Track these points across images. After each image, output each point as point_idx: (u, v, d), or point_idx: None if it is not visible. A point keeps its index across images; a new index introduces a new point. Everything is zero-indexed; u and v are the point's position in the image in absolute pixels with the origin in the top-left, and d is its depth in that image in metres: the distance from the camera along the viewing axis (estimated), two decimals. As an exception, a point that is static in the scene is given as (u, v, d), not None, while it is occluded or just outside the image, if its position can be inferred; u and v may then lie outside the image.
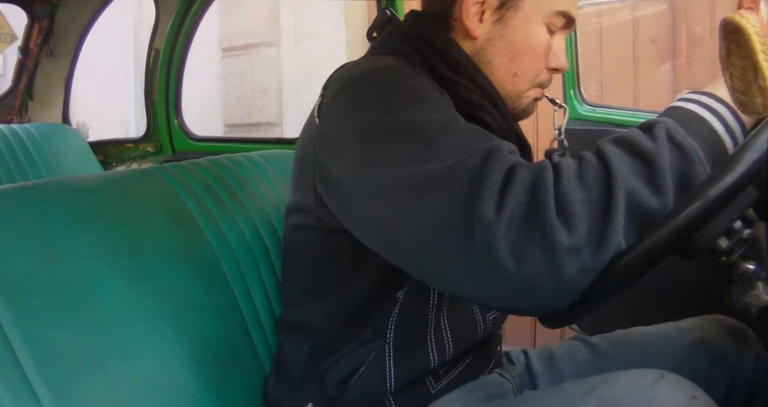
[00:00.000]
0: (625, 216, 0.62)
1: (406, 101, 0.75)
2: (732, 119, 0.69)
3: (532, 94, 0.93)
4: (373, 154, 0.72)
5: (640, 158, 0.64)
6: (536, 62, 0.90)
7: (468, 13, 0.88)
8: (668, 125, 0.66)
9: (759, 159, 0.59)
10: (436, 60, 0.88)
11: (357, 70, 0.82)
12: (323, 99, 0.84)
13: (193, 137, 2.17)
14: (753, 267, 0.66)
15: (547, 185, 0.62)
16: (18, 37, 2.43)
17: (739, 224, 0.65)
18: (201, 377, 0.89)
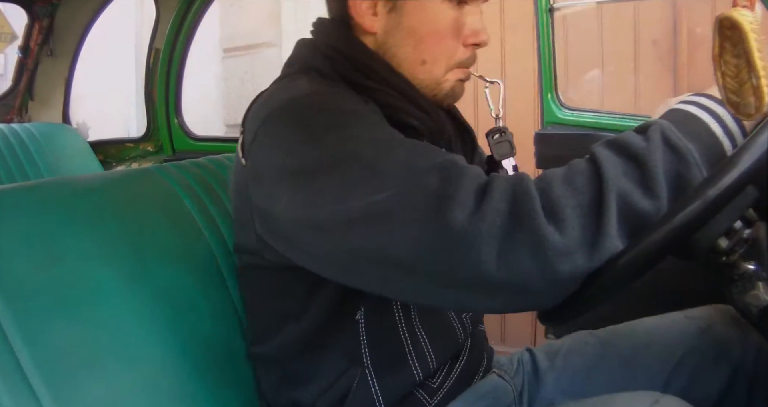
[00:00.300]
0: (618, 219, 0.60)
1: (333, 128, 0.71)
2: (731, 121, 0.67)
3: (452, 77, 0.86)
4: (316, 191, 0.69)
5: (632, 160, 0.62)
6: (444, 44, 0.84)
7: (359, 10, 0.84)
8: (663, 126, 0.64)
9: (759, 159, 0.59)
10: (348, 69, 0.84)
11: (274, 102, 0.79)
12: (244, 137, 0.81)
13: (193, 136, 2.17)
14: (753, 267, 0.66)
15: (530, 191, 0.61)
16: (18, 37, 2.43)
17: (740, 224, 0.65)
18: (199, 377, 0.89)
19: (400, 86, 0.84)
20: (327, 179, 0.68)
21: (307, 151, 0.71)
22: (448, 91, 0.87)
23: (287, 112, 0.76)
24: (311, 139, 0.71)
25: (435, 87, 0.86)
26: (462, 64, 0.86)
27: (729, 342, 0.94)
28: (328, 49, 0.86)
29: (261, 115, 0.78)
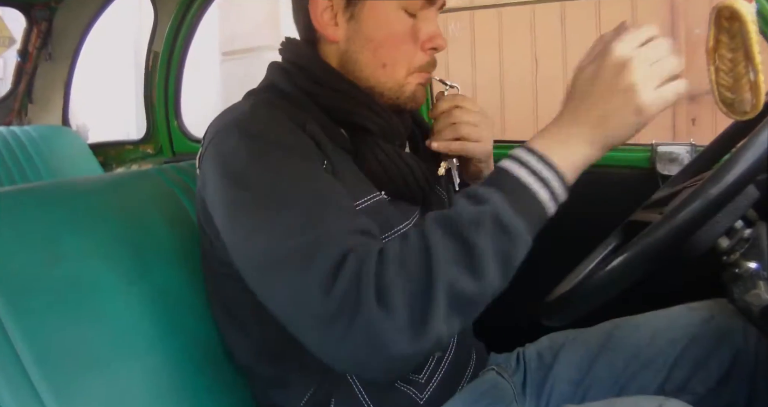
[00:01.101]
0: (445, 305, 0.63)
1: (254, 161, 0.76)
2: (558, 184, 0.69)
3: (413, 81, 0.90)
4: (231, 220, 0.77)
5: (463, 244, 0.65)
6: (402, 48, 0.88)
7: (321, 20, 0.89)
8: (497, 207, 0.66)
9: (759, 159, 0.58)
10: (303, 80, 0.89)
11: (221, 122, 0.84)
12: (201, 148, 0.86)
13: (192, 138, 2.17)
14: (754, 267, 0.66)
15: (370, 275, 0.64)
16: (17, 41, 2.43)
17: (740, 224, 0.65)
18: (198, 376, 0.89)
19: (350, 91, 0.88)
20: (236, 213, 0.76)
21: (228, 181, 0.77)
22: (409, 94, 0.91)
23: (226, 134, 0.80)
24: (232, 172, 0.77)
25: (398, 90, 0.90)
26: (422, 69, 0.90)
27: (730, 331, 0.95)
28: (288, 64, 0.92)
29: (211, 132, 0.84)
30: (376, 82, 0.89)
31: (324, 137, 0.84)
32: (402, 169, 0.88)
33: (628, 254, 0.63)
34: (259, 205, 0.73)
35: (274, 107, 0.85)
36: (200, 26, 2.14)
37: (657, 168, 1.34)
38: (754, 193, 0.63)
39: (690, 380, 0.95)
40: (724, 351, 0.95)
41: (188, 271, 0.95)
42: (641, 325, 1.03)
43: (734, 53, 0.66)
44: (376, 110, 0.88)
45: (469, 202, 0.67)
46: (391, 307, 0.63)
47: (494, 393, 0.98)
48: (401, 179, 0.88)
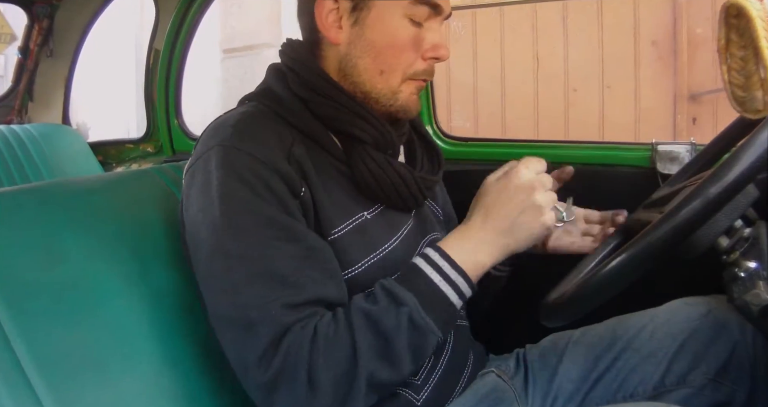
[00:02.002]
0: (365, 390, 0.75)
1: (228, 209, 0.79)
2: (465, 287, 0.81)
3: (406, 89, 0.91)
4: (196, 255, 0.82)
5: (383, 341, 0.75)
6: (401, 56, 0.89)
7: (325, 22, 0.89)
8: (411, 310, 0.76)
9: (759, 158, 0.58)
10: (297, 84, 0.89)
11: (207, 143, 0.84)
12: (190, 159, 0.87)
13: (193, 137, 2.17)
14: (754, 266, 0.66)
15: (303, 357, 0.73)
16: (18, 38, 2.43)
17: (740, 223, 0.65)
18: (199, 377, 0.89)
19: (343, 100, 0.89)
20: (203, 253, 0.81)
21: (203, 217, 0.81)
22: (402, 103, 0.92)
23: (206, 161, 0.82)
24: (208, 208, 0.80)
25: (391, 97, 0.91)
26: (417, 76, 0.91)
27: (727, 325, 0.96)
28: (285, 67, 0.92)
29: (197, 151, 0.85)
30: (372, 87, 0.90)
31: (310, 158, 0.85)
32: (394, 179, 0.89)
33: (629, 253, 0.63)
34: (220, 254, 0.78)
35: (264, 122, 0.86)
36: (201, 24, 2.14)
37: (657, 167, 1.34)
38: (754, 192, 0.63)
39: (690, 373, 0.96)
40: (722, 344, 0.96)
41: (188, 271, 0.94)
42: (642, 321, 1.04)
43: (744, 51, 0.66)
44: (369, 119, 0.89)
45: (389, 302, 0.77)
46: (319, 387, 0.73)
47: (494, 395, 0.98)
48: (393, 189, 0.89)
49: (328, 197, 0.85)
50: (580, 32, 3.13)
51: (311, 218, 0.84)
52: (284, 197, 0.81)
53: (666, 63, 3.00)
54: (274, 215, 0.79)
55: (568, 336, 1.09)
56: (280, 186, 0.81)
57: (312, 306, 0.77)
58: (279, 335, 0.74)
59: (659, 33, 2.98)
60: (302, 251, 0.79)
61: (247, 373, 0.76)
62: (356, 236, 0.86)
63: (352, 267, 0.85)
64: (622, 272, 0.62)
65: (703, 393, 0.95)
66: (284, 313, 0.75)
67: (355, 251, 0.85)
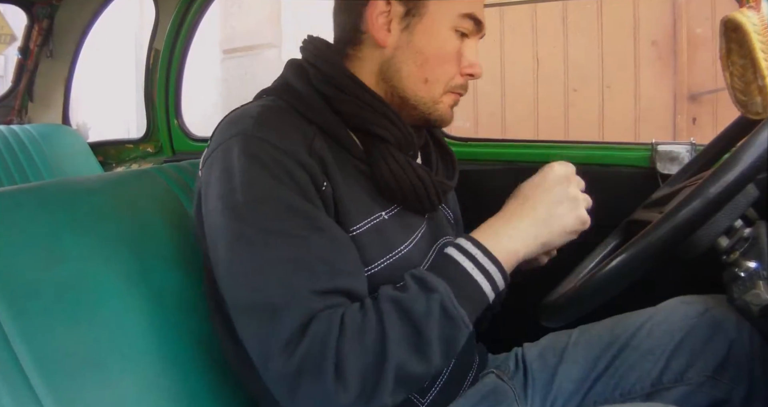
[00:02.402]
0: (393, 383, 0.70)
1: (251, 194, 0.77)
2: (499, 277, 0.78)
3: (447, 101, 0.92)
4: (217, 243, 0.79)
5: (413, 328, 0.72)
6: (445, 67, 0.90)
7: (375, 24, 0.89)
8: (443, 296, 0.74)
9: (759, 158, 0.58)
10: (319, 80, 0.88)
11: (227, 132, 0.83)
12: (206, 150, 0.86)
13: (193, 137, 2.17)
14: (754, 266, 0.66)
15: (331, 345, 0.70)
16: (18, 38, 2.43)
17: (740, 223, 0.65)
18: (199, 377, 0.89)
19: (371, 101, 0.88)
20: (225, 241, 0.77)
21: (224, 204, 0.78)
22: (441, 113, 0.92)
23: (228, 149, 0.81)
24: (230, 194, 0.78)
25: (431, 106, 0.91)
26: (456, 89, 0.92)
27: (724, 323, 0.97)
28: (306, 63, 0.91)
29: (216, 140, 0.84)
30: (413, 94, 0.90)
31: (331, 153, 0.84)
32: (413, 180, 0.88)
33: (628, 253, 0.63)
34: (243, 241, 0.75)
35: (284, 116, 0.85)
36: (201, 24, 2.14)
37: (657, 167, 1.34)
38: (754, 192, 0.63)
39: (687, 370, 0.97)
40: (719, 342, 0.97)
41: (189, 271, 0.95)
42: (640, 320, 1.05)
43: (744, 60, 0.67)
44: (393, 119, 0.88)
45: (419, 289, 0.74)
46: (346, 378, 0.69)
47: (494, 396, 0.98)
48: (412, 190, 0.88)
49: (348, 193, 0.84)
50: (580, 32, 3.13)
51: (331, 214, 0.82)
52: (307, 188, 0.79)
53: (666, 63, 3.00)
54: (298, 204, 0.77)
55: (567, 335, 1.10)
56: (303, 177, 0.79)
57: (340, 296, 0.74)
58: (306, 321, 0.70)
59: (659, 33, 2.98)
60: (327, 241, 0.77)
61: (269, 363, 0.72)
62: (374, 236, 0.85)
63: (369, 266, 0.84)
64: (621, 273, 0.62)
65: (701, 391, 0.96)
66: (312, 299, 0.72)
67: (372, 250, 0.84)
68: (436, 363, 0.73)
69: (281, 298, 0.72)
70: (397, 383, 0.71)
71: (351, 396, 0.69)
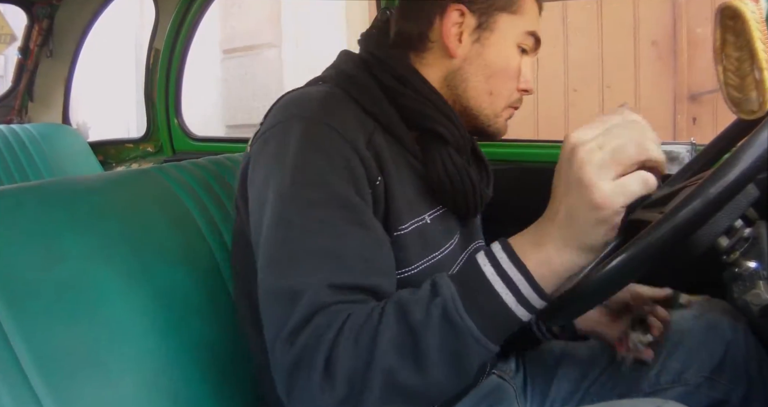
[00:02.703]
0: (380, 390, 0.63)
1: (301, 178, 0.75)
2: (527, 287, 0.63)
3: (505, 115, 0.94)
4: (259, 218, 0.77)
5: (408, 333, 0.63)
6: (510, 82, 0.91)
7: (449, 34, 0.89)
8: (446, 300, 0.63)
9: (759, 157, 0.58)
10: (382, 72, 0.88)
11: (287, 111, 0.82)
12: (261, 127, 0.84)
13: (193, 137, 2.17)
14: (754, 266, 0.66)
15: (326, 341, 0.65)
16: (18, 38, 2.43)
17: (740, 223, 0.65)
18: (200, 377, 0.89)
19: (433, 98, 0.88)
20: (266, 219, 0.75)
21: (272, 183, 0.76)
22: (498, 126, 0.94)
23: (286, 129, 0.79)
24: (279, 173, 0.76)
25: (493, 119, 0.92)
26: (514, 104, 0.94)
27: (720, 325, 0.98)
28: (367, 54, 0.91)
29: (274, 118, 0.82)
30: (477, 106, 0.91)
31: (387, 148, 0.83)
32: (466, 184, 0.88)
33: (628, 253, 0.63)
34: (283, 223, 0.73)
35: (347, 104, 0.84)
36: (201, 24, 2.14)
37: (657, 167, 1.34)
38: (754, 192, 0.63)
39: (685, 371, 0.98)
40: (716, 343, 0.98)
41: (189, 271, 0.94)
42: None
43: (740, 52, 0.66)
44: (455, 120, 0.89)
45: (427, 292, 0.66)
46: (334, 378, 0.64)
47: (495, 395, 0.99)
48: (462, 194, 0.88)
49: (400, 191, 0.83)
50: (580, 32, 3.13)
51: (381, 211, 0.80)
52: (360, 181, 0.77)
53: (666, 63, 3.00)
54: (347, 196, 0.75)
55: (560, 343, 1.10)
56: (359, 169, 0.77)
57: (359, 293, 0.70)
58: (312, 313, 0.67)
59: (659, 33, 2.98)
60: (366, 238, 0.74)
61: (274, 350, 0.69)
62: (416, 238, 0.84)
63: (408, 268, 0.82)
64: (621, 273, 0.61)
65: (699, 391, 0.97)
66: (327, 292, 0.68)
67: (413, 251, 0.83)
68: (439, 379, 0.64)
69: (303, 286, 0.68)
70: (386, 392, 0.64)
71: (336, 397, 0.64)
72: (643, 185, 0.58)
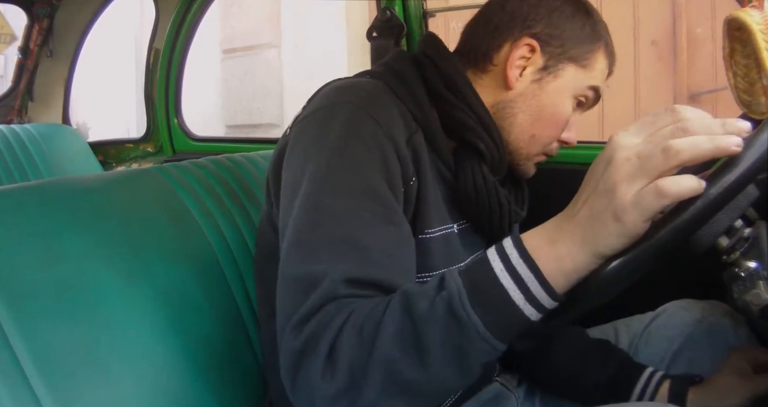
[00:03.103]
0: (381, 381, 0.62)
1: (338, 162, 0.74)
2: (536, 285, 0.61)
3: (536, 159, 0.93)
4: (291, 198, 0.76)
5: (412, 325, 0.62)
6: (554, 130, 0.90)
7: (512, 63, 0.88)
8: (452, 295, 0.62)
9: (759, 158, 0.58)
10: (435, 77, 0.87)
11: (337, 95, 0.81)
12: (302, 111, 0.84)
13: (193, 137, 2.17)
14: (754, 266, 0.66)
15: (333, 329, 0.64)
16: (18, 38, 2.43)
17: (740, 223, 0.65)
18: (201, 377, 0.89)
19: (480, 111, 0.87)
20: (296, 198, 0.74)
21: (308, 165, 0.75)
22: (527, 168, 0.94)
23: (333, 112, 0.78)
24: (317, 156, 0.75)
25: (523, 160, 0.92)
26: (549, 152, 0.93)
27: (722, 329, 0.97)
28: (425, 57, 0.89)
29: (322, 102, 0.81)
30: (515, 142, 0.90)
31: (426, 150, 0.83)
32: (493, 202, 0.87)
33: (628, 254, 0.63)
34: (311, 207, 0.72)
35: (392, 100, 0.83)
36: (201, 24, 2.14)
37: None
38: (754, 192, 0.63)
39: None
40: (718, 348, 0.96)
41: (189, 270, 0.94)
42: (639, 326, 1.05)
43: (747, 60, 0.67)
44: (496, 140, 0.88)
45: (434, 286, 0.64)
46: (336, 366, 0.63)
47: (497, 403, 0.98)
48: (487, 211, 0.87)
49: (432, 194, 0.83)
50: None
51: (410, 211, 0.80)
52: (395, 178, 0.77)
53: (666, 63, 3.00)
54: (380, 189, 0.74)
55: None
56: (395, 165, 0.77)
57: (375, 289, 0.68)
58: (324, 302, 0.66)
59: (659, 33, 2.98)
60: (393, 235, 0.73)
61: (283, 335, 0.67)
62: (441, 245, 0.84)
63: (429, 273, 0.82)
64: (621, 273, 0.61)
65: None
66: (342, 285, 0.67)
67: (437, 257, 0.83)
68: (443, 374, 0.62)
69: (322, 274, 0.67)
70: (387, 384, 0.62)
71: (336, 385, 0.62)
72: (657, 198, 0.55)
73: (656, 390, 0.92)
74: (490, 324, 0.61)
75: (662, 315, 1.04)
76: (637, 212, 0.55)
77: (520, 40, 0.88)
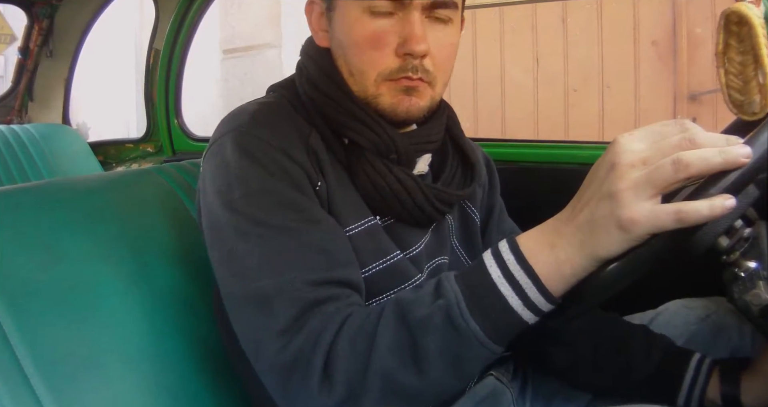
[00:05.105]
0: (379, 391, 0.63)
1: (243, 188, 0.75)
2: (535, 292, 0.61)
3: (388, 92, 0.80)
4: (212, 237, 0.78)
5: (409, 336, 0.63)
6: (363, 55, 0.80)
7: (314, 25, 0.87)
8: (450, 305, 0.62)
9: (759, 158, 0.58)
10: (304, 81, 0.86)
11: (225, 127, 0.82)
12: (207, 146, 0.84)
13: (193, 137, 2.17)
14: (754, 266, 0.66)
15: (325, 342, 0.65)
16: (18, 38, 2.43)
17: (740, 223, 0.65)
18: (200, 377, 0.89)
19: (342, 101, 0.82)
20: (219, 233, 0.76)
21: (219, 197, 0.77)
22: (387, 106, 0.81)
23: (223, 144, 0.80)
24: (224, 187, 0.77)
25: (371, 101, 0.81)
26: (394, 75, 0.79)
27: (726, 328, 0.96)
28: (301, 65, 0.89)
29: (215, 135, 0.83)
30: (350, 91, 0.83)
31: (325, 152, 0.82)
32: (394, 186, 0.81)
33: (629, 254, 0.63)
34: (239, 234, 0.74)
35: (281, 113, 0.83)
36: (201, 24, 2.14)
37: (657, 167, 1.33)
38: (754, 192, 0.63)
39: None
40: (722, 347, 0.96)
41: (189, 271, 0.95)
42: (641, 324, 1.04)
43: (743, 56, 0.66)
44: (367, 122, 0.81)
45: (430, 293, 0.64)
46: (332, 380, 0.64)
47: (492, 398, 0.98)
48: (395, 199, 0.81)
49: (341, 194, 0.81)
50: (580, 32, 3.13)
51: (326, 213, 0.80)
52: (301, 182, 0.77)
53: (666, 63, 3.00)
54: (292, 197, 0.75)
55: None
56: (297, 173, 0.77)
57: (337, 287, 0.70)
58: (301, 312, 0.66)
59: (659, 33, 2.99)
60: (322, 233, 0.74)
61: (259, 354, 0.68)
62: (366, 239, 0.81)
63: (361, 269, 0.80)
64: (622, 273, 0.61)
65: None
66: (305, 289, 0.68)
67: (363, 254, 0.80)
68: (440, 380, 0.63)
69: (274, 288, 0.69)
70: (385, 393, 0.63)
71: (335, 399, 0.63)
72: (675, 222, 0.54)
73: (707, 381, 0.86)
74: (488, 330, 0.61)
75: (664, 313, 1.04)
76: (649, 226, 0.55)
77: (310, 4, 0.87)
